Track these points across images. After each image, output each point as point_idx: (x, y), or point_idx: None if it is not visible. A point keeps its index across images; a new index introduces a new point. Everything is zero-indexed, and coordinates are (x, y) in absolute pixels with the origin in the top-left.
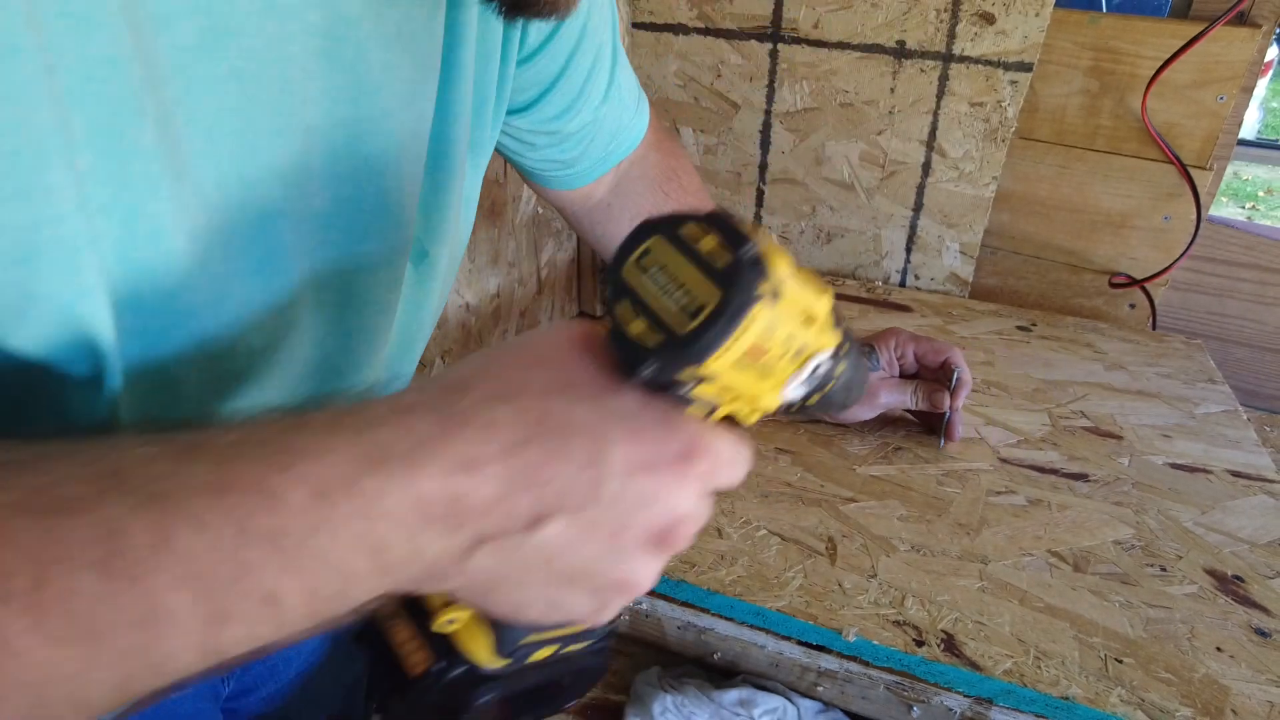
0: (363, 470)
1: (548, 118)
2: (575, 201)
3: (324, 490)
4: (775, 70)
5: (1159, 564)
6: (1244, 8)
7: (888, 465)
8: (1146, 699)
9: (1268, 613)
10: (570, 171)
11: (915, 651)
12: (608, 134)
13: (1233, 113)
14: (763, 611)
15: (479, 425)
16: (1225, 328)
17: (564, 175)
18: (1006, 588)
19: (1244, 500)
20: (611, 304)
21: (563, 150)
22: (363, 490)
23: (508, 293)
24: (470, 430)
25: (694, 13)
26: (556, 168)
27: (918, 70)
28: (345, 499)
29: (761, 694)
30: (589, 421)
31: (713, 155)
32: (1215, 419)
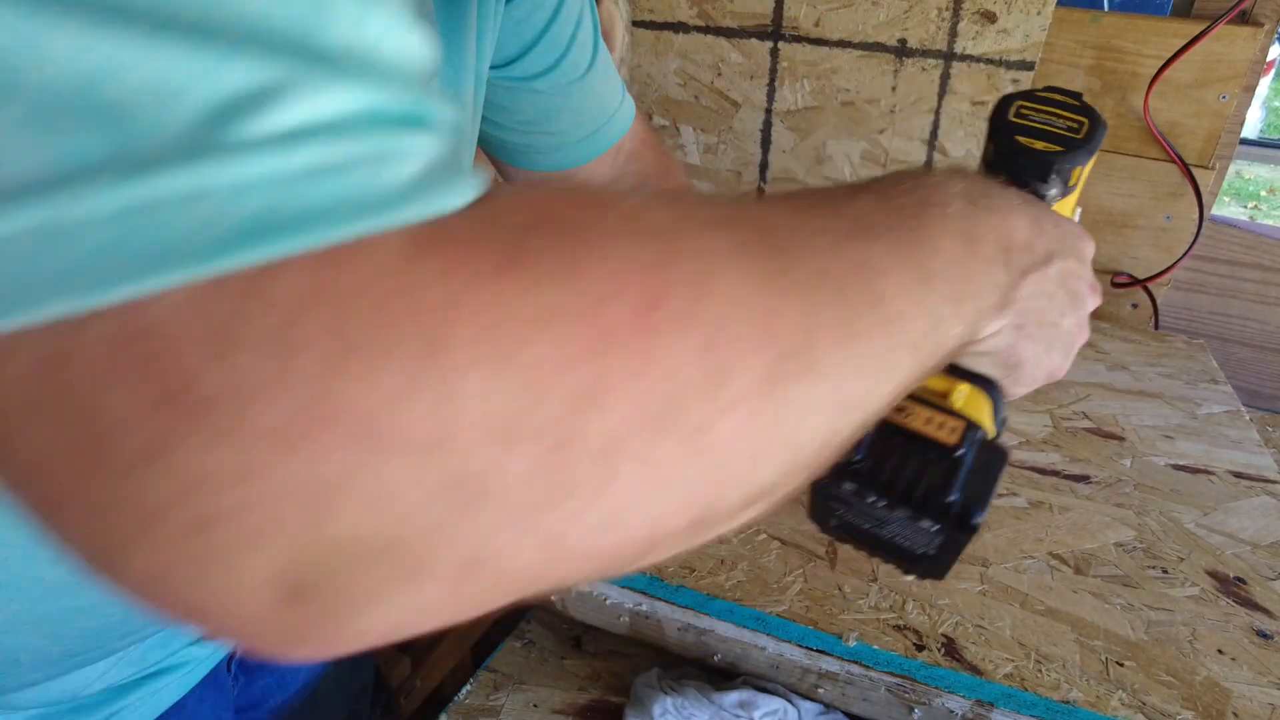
0: (975, 221)
1: (531, 73)
2: None
3: (968, 236)
4: (776, 69)
5: (1160, 566)
6: (1246, 6)
7: None
8: (1148, 702)
9: (1269, 614)
10: (562, 150)
11: (916, 656)
12: (596, 109)
13: (1235, 112)
14: (763, 616)
15: (997, 193)
16: (1228, 328)
17: (556, 154)
18: (1007, 591)
19: (1246, 501)
20: (1010, 135)
21: (550, 119)
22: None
23: None
24: (994, 197)
25: (694, 11)
26: (547, 143)
27: (919, 69)
28: (971, 244)
29: (762, 696)
30: (1037, 202)
31: (713, 154)
32: (1217, 419)
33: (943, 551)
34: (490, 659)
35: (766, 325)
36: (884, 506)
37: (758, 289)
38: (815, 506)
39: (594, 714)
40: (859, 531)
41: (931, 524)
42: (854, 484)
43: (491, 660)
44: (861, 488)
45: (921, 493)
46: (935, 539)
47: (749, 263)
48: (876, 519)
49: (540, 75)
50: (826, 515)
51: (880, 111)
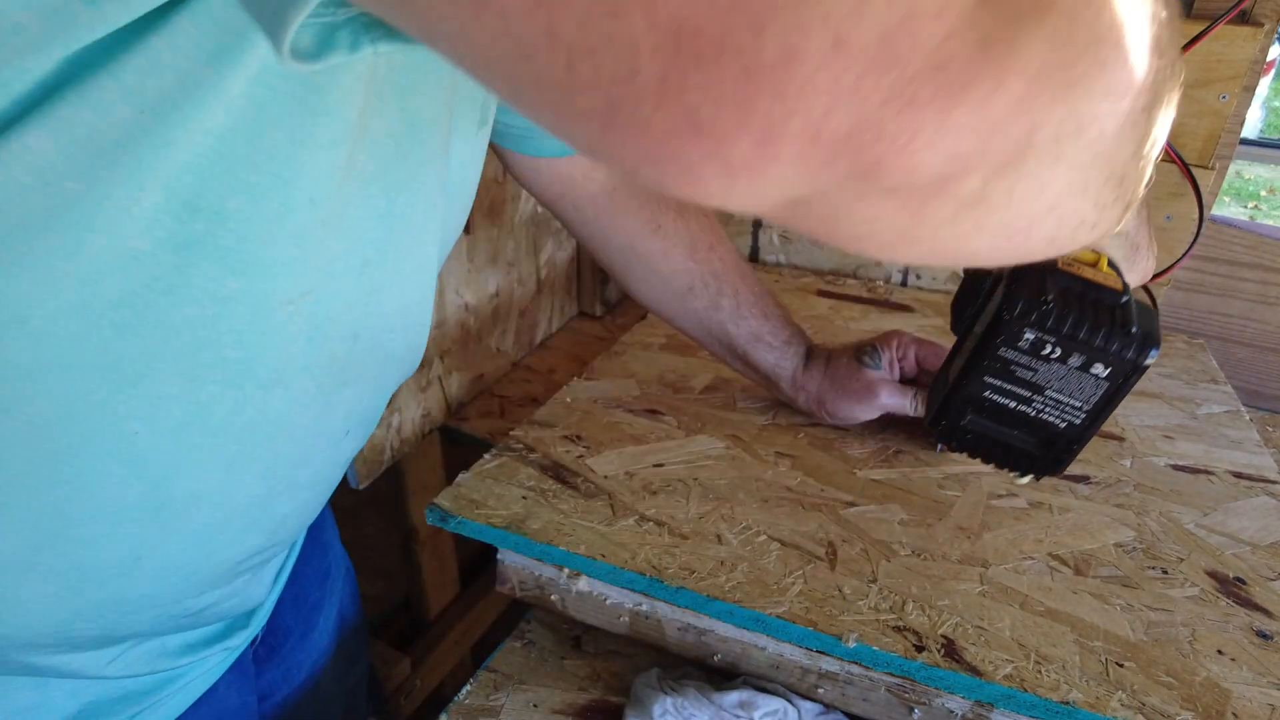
0: None
1: None
2: (575, 183)
3: None
4: None
5: (1160, 566)
6: (1246, 6)
7: (888, 469)
8: (1147, 703)
9: (1269, 615)
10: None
11: (915, 657)
12: None
13: (1235, 112)
14: (762, 618)
15: None
16: (1228, 327)
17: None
18: (1007, 591)
19: (1246, 502)
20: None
21: None
22: None
23: (507, 292)
24: None
25: None
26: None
27: None
28: None
29: (762, 696)
30: None
31: None
32: (1217, 419)
33: (1092, 416)
34: (490, 659)
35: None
36: (1057, 357)
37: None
38: (954, 406)
39: (594, 714)
40: (1001, 417)
41: (1103, 368)
42: (1035, 332)
43: (491, 660)
44: (1041, 337)
45: (1103, 331)
46: (1095, 393)
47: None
48: (1032, 388)
49: None
50: (960, 414)
51: None
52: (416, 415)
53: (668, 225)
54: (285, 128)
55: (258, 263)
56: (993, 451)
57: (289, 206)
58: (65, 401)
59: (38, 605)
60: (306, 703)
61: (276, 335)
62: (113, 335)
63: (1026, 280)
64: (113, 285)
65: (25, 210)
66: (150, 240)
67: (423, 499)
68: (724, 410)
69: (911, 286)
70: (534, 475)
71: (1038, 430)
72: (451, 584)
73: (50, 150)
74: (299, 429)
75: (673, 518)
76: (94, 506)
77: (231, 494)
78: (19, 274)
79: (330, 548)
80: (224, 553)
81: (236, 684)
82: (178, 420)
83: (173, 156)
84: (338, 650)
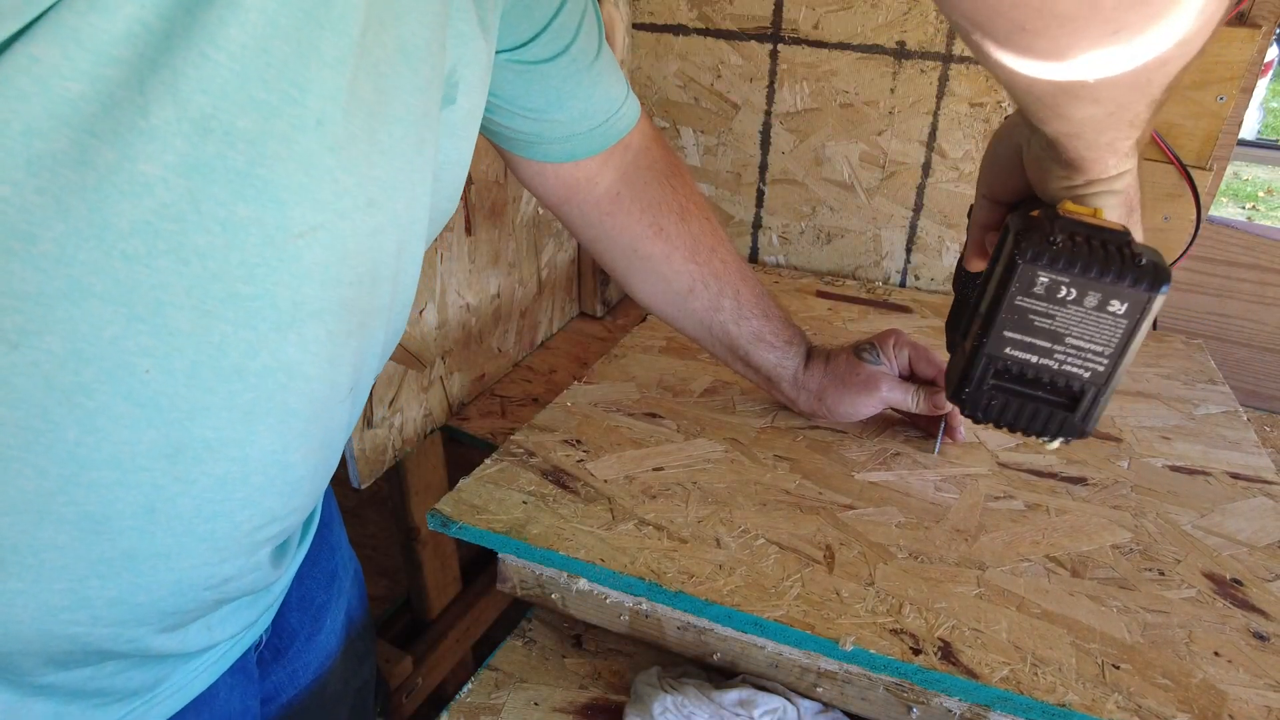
0: None
1: (541, 58)
2: (580, 188)
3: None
4: (775, 71)
5: (1157, 568)
6: (1244, 8)
7: (886, 471)
8: (1143, 705)
9: (1266, 616)
10: (571, 140)
11: (912, 660)
12: (603, 100)
13: (1232, 113)
14: (760, 622)
15: None
16: (1225, 328)
17: (566, 144)
18: (1004, 594)
19: (1243, 502)
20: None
21: (559, 105)
22: None
23: (508, 293)
24: None
25: (694, 13)
26: (556, 132)
27: (918, 71)
28: None
29: (762, 694)
30: None
31: (713, 156)
32: (1215, 420)
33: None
34: (491, 657)
35: None
36: (1073, 300)
37: None
38: (976, 370)
39: (594, 712)
40: (1025, 375)
41: (1119, 304)
42: (1049, 273)
43: (493, 659)
44: (1055, 279)
45: (1115, 267)
46: (1114, 334)
47: None
48: (1052, 337)
49: (550, 59)
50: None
51: (879, 113)
52: (418, 415)
53: (670, 228)
54: (293, 41)
55: (267, 188)
56: (1019, 416)
57: (297, 126)
58: (77, 336)
59: (51, 556)
60: (313, 705)
61: (287, 271)
62: (123, 266)
63: (1024, 234)
64: (123, 212)
65: (29, 117)
66: (160, 164)
67: (424, 498)
68: (723, 413)
69: (910, 287)
70: (534, 480)
71: (1062, 384)
72: (453, 583)
73: (57, 59)
74: (311, 379)
75: (672, 522)
76: (108, 451)
77: (247, 447)
78: (24, 184)
79: (338, 550)
80: (241, 513)
81: (239, 687)
82: (190, 360)
83: (186, 70)
84: (345, 652)
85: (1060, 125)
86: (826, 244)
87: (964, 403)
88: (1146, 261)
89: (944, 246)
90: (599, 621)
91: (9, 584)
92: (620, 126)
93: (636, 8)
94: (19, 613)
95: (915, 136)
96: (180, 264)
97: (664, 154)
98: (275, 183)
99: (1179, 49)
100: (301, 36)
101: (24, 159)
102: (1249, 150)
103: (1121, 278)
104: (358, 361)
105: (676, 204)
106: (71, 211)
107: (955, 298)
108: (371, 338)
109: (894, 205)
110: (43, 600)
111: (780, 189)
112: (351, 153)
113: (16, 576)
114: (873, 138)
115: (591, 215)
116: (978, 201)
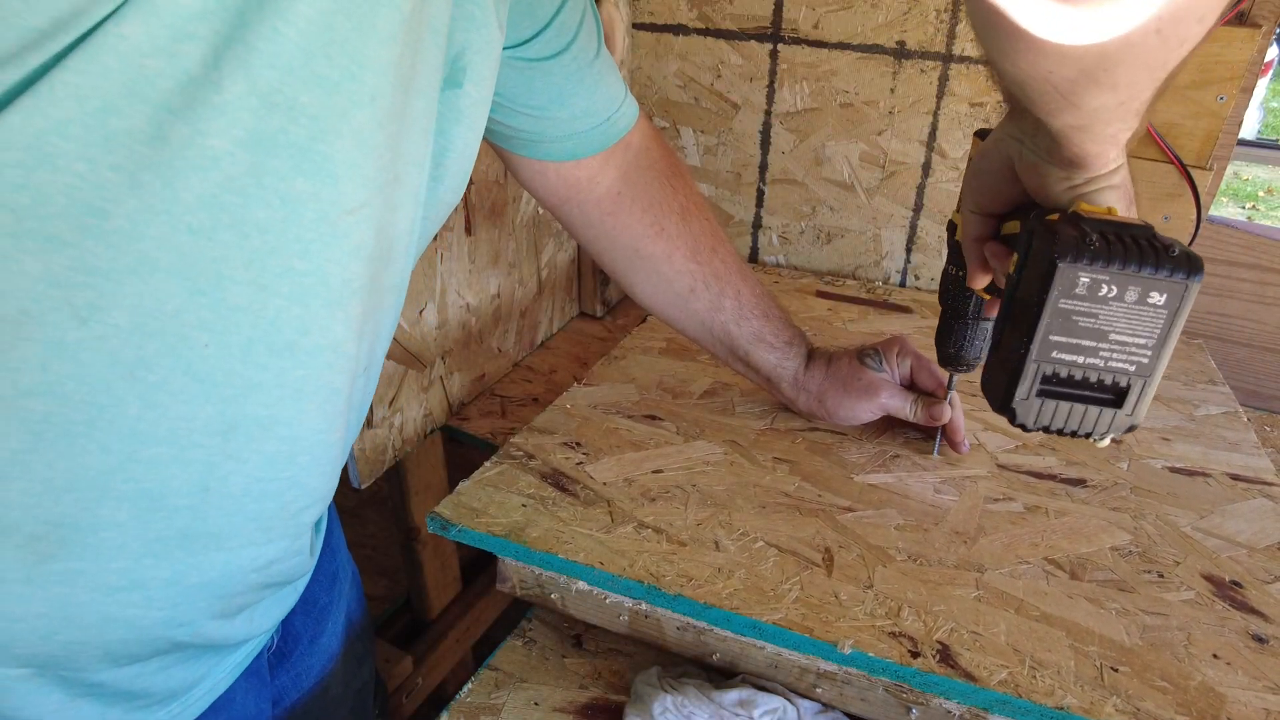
0: None
1: (544, 55)
2: (581, 187)
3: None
4: (775, 71)
5: (1156, 570)
6: (1244, 7)
7: (885, 473)
8: (1142, 708)
9: (1265, 618)
10: (572, 139)
11: (910, 663)
12: (604, 99)
13: (1233, 113)
14: (759, 625)
15: None
16: (1225, 328)
17: (567, 142)
18: (1003, 596)
19: (1243, 504)
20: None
21: (560, 103)
22: None
23: (508, 293)
24: None
25: (694, 13)
26: (557, 130)
27: (918, 70)
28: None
29: (761, 694)
30: None
31: (713, 155)
32: (1215, 421)
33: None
34: (491, 657)
35: None
36: (1114, 296)
37: None
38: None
39: (594, 712)
40: (1073, 377)
41: (1159, 295)
42: (1089, 273)
43: (493, 659)
44: (1095, 277)
45: (1151, 259)
46: (1156, 326)
47: None
48: (1096, 335)
49: (552, 57)
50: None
51: (879, 113)
52: (418, 415)
53: (670, 228)
54: (354, 16)
55: (325, 162)
56: (1070, 419)
57: (353, 101)
58: (142, 311)
59: (111, 535)
60: (316, 707)
61: (339, 248)
62: (188, 239)
63: (1058, 236)
64: (191, 186)
65: (107, 94)
66: (228, 138)
67: (424, 498)
68: (722, 415)
69: (910, 287)
70: (534, 483)
71: (1109, 380)
72: (453, 583)
73: (140, 35)
74: (351, 358)
75: (671, 524)
76: (166, 427)
77: (296, 425)
78: (100, 160)
79: (338, 552)
80: (289, 492)
81: (253, 690)
82: (246, 337)
83: (258, 45)
84: (346, 653)
85: (1071, 117)
86: (826, 244)
87: (1013, 414)
88: (1179, 251)
89: (944, 246)
90: (598, 621)
91: (70, 563)
92: (621, 125)
93: (636, 8)
94: (79, 595)
95: (915, 136)
96: (241, 238)
97: (664, 153)
98: (332, 158)
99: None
100: (361, 12)
101: (101, 135)
102: (1249, 150)
103: (1159, 269)
104: (374, 340)
105: (677, 204)
106: (144, 187)
107: (943, 312)
108: (386, 316)
109: (894, 205)
110: (101, 580)
111: (780, 189)
112: (392, 129)
113: (78, 556)
114: (873, 137)
115: (592, 215)
116: (966, 218)
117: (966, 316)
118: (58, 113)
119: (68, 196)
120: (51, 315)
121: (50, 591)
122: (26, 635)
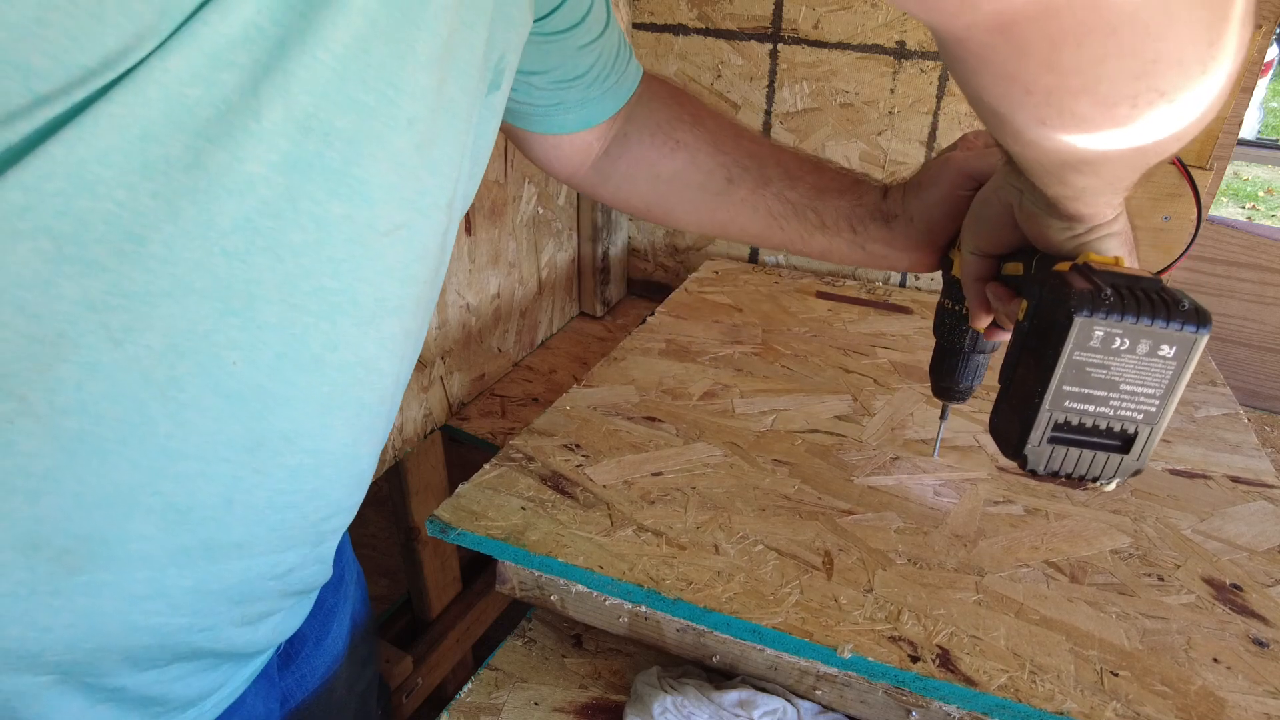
0: None
1: (561, 28)
2: (593, 150)
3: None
4: (775, 70)
5: (1156, 573)
6: None
7: (885, 476)
8: (1142, 713)
9: (1266, 622)
10: (586, 105)
11: (910, 668)
12: (619, 61)
13: (1233, 113)
14: (758, 629)
15: None
16: (1226, 328)
17: (582, 109)
18: (1003, 600)
19: (1243, 506)
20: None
21: (579, 73)
22: None
23: (508, 293)
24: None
25: (694, 13)
26: (574, 98)
27: (918, 70)
28: None
29: (761, 695)
30: None
31: None
32: (1215, 422)
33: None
34: (491, 657)
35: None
36: (1126, 349)
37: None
38: (1038, 429)
39: (594, 712)
40: (1084, 425)
41: (1168, 348)
42: (1103, 326)
43: (493, 659)
44: (1109, 331)
45: (1162, 313)
46: (1164, 376)
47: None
48: (1107, 385)
49: (569, 29)
50: (1042, 436)
51: (879, 113)
52: (418, 415)
53: (685, 137)
54: (392, 41)
55: (360, 186)
56: (1078, 465)
57: (390, 126)
58: (175, 332)
59: (137, 547)
60: (321, 709)
61: (371, 268)
62: (223, 263)
63: (1073, 290)
64: (227, 211)
65: (147, 122)
66: (265, 164)
67: (424, 498)
68: (722, 417)
69: (910, 287)
70: (533, 485)
71: (1118, 428)
72: (453, 583)
73: (181, 66)
74: (384, 375)
75: (670, 528)
76: (195, 443)
77: (322, 439)
78: (139, 188)
79: (343, 552)
80: (310, 504)
81: (262, 692)
82: (274, 353)
83: (296, 72)
84: (350, 655)
85: (1060, 190)
86: None
87: (1025, 460)
88: (1189, 305)
89: None
90: (598, 623)
91: (97, 575)
92: (629, 84)
93: (636, 8)
94: (104, 604)
95: (915, 136)
96: (275, 260)
97: (663, 83)
98: (368, 181)
99: (1192, 128)
100: (400, 37)
101: (140, 163)
102: (1249, 150)
103: (1171, 322)
104: (413, 356)
105: (687, 114)
106: (181, 213)
107: (938, 345)
108: (422, 333)
109: None
110: (125, 590)
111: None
112: (434, 154)
113: (104, 568)
114: (873, 137)
115: (607, 169)
116: (966, 259)
117: (962, 351)
118: (100, 142)
119: (107, 223)
120: (88, 337)
121: (77, 602)
122: (54, 644)
